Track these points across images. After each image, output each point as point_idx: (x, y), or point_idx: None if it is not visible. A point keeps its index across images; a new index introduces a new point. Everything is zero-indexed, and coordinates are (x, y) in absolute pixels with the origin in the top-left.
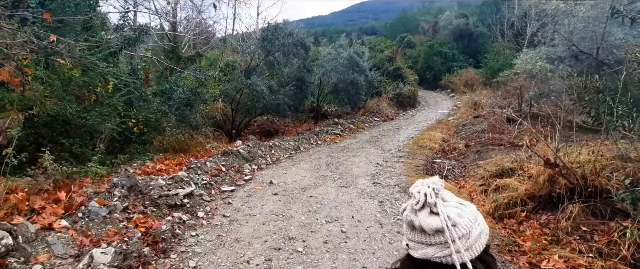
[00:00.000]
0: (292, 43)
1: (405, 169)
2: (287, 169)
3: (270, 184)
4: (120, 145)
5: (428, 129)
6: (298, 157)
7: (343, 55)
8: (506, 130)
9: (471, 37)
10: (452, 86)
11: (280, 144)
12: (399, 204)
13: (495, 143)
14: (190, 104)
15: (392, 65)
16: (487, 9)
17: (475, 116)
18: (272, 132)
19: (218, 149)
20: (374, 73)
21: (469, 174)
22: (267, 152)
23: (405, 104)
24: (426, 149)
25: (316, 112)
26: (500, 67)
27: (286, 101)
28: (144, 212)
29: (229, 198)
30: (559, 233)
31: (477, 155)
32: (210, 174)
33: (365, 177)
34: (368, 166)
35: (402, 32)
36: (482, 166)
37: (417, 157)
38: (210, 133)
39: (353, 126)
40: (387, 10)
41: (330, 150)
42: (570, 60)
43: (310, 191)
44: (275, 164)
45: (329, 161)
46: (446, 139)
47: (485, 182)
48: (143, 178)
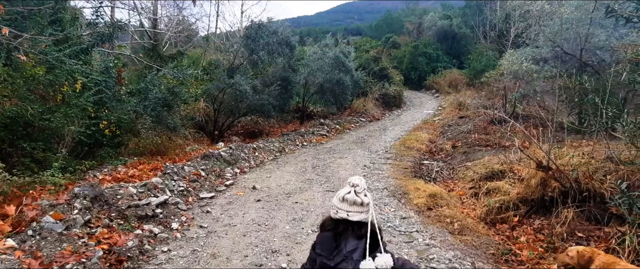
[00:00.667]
0: (277, 42)
1: (393, 171)
2: (272, 173)
3: (253, 189)
4: (90, 149)
5: (414, 129)
6: (283, 160)
7: (329, 54)
8: (492, 131)
9: (455, 38)
10: (436, 86)
11: (265, 145)
12: (388, 210)
13: (482, 144)
14: (167, 104)
15: (378, 66)
16: (470, 10)
17: (460, 117)
18: (257, 134)
19: (198, 151)
20: (360, 73)
21: (458, 176)
22: (250, 154)
23: (391, 104)
24: (413, 150)
25: (302, 112)
26: (483, 68)
27: (271, 101)
28: (109, 226)
29: (207, 206)
30: (554, 239)
31: (465, 156)
32: (188, 180)
33: None
34: (355, 168)
35: (387, 32)
36: (471, 167)
37: (405, 159)
38: (190, 135)
39: (339, 126)
40: (371, 11)
41: (316, 151)
42: (554, 61)
43: (295, 196)
44: (259, 167)
45: (315, 163)
46: (433, 139)
47: (475, 185)
48: (111, 186)
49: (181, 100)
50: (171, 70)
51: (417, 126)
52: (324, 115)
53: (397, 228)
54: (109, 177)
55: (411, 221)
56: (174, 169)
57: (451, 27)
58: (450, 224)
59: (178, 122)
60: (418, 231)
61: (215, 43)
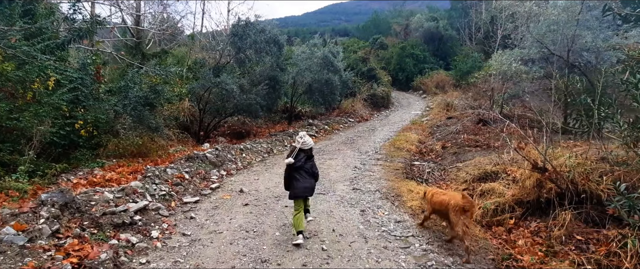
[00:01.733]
0: (265, 40)
1: (384, 172)
2: (260, 175)
3: (240, 192)
4: (64, 150)
5: (403, 130)
6: (271, 161)
7: (317, 54)
8: (480, 131)
9: (441, 40)
10: (424, 87)
11: (252, 146)
12: (382, 213)
13: (472, 145)
14: (149, 103)
15: (366, 66)
16: (455, 13)
17: (448, 117)
18: (244, 134)
19: (183, 153)
20: (348, 73)
21: (450, 177)
22: (237, 155)
23: (379, 104)
24: (403, 151)
25: (290, 112)
26: (469, 69)
27: (258, 100)
28: (80, 236)
29: (191, 211)
30: (553, 242)
31: (455, 157)
32: (171, 183)
33: (344, 183)
34: (346, 169)
35: (374, 33)
36: (462, 168)
37: (395, 160)
38: (174, 136)
39: (328, 127)
40: (358, 13)
41: None
42: (541, 62)
43: (285, 199)
44: (247, 168)
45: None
46: (422, 140)
47: (468, 186)
48: (85, 192)
49: (165, 99)
50: (153, 67)
51: (406, 126)
52: (313, 115)
53: (392, 233)
54: (83, 182)
55: (406, 224)
56: (156, 172)
57: (438, 29)
58: (447, 227)
59: (161, 122)
60: (414, 235)
61: (201, 41)
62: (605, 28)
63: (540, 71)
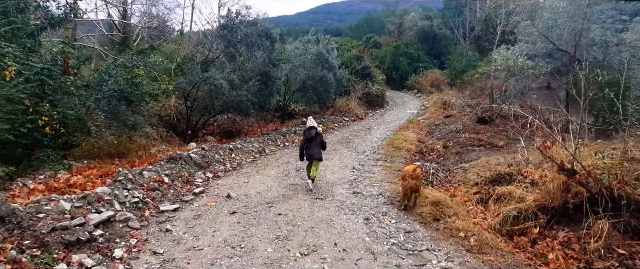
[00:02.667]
0: (257, 33)
1: (385, 174)
2: (250, 177)
3: (227, 198)
4: (26, 151)
5: (400, 129)
6: (263, 162)
7: (311, 50)
8: (482, 130)
9: (435, 39)
10: (418, 86)
11: (243, 146)
12: (388, 221)
13: (475, 144)
14: (125, 98)
15: (361, 64)
16: (449, 12)
17: (446, 116)
18: (234, 133)
19: (165, 153)
20: (343, 71)
21: (456, 178)
22: (226, 156)
23: (374, 103)
24: (403, 151)
25: (283, 111)
26: (464, 68)
27: (249, 97)
28: (16, 260)
29: (168, 222)
30: (591, 257)
31: (458, 156)
32: (147, 188)
33: (343, 186)
34: (344, 171)
35: (367, 33)
36: (468, 169)
37: (395, 160)
38: (159, 134)
39: (322, 125)
40: (351, 13)
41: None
42: (544, 58)
43: (278, 206)
44: (236, 170)
45: (299, 165)
46: (421, 139)
47: (480, 189)
48: (36, 201)
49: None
50: (131, 58)
51: (403, 125)
52: (306, 114)
53: (403, 246)
54: (42, 187)
55: (418, 235)
56: (129, 176)
57: (432, 28)
58: (465, 239)
59: (139, 119)
60: (429, 249)
61: (190, 37)
62: (609, 23)
63: (547, 67)
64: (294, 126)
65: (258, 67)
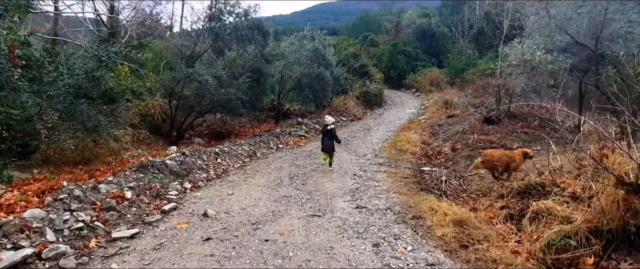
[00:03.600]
0: (247, 26)
1: (391, 182)
2: (236, 187)
3: (203, 217)
4: None
5: (401, 129)
6: (253, 167)
7: (307, 47)
8: (491, 131)
9: (433, 37)
10: (417, 85)
11: (231, 149)
12: (403, 249)
13: (486, 146)
14: (85, 95)
15: (358, 62)
16: (447, 10)
17: (449, 116)
18: (224, 135)
19: (141, 158)
20: (340, 69)
21: (472, 187)
22: (210, 161)
23: (372, 103)
24: (407, 154)
25: (277, 111)
26: (463, 66)
27: (239, 96)
28: None
29: (118, 256)
30: None
31: (469, 161)
32: (100, 207)
33: (344, 197)
34: (344, 178)
35: (364, 32)
36: (484, 175)
37: (400, 165)
38: (139, 136)
39: (319, 126)
40: (347, 13)
41: (294, 156)
42: (559, 53)
43: (265, 227)
44: (221, 178)
45: (293, 171)
46: (426, 141)
47: (507, 203)
48: None
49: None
50: (91, 46)
51: (403, 125)
52: (302, 114)
53: None
54: None
55: None
56: (76, 192)
57: (430, 26)
58: None
59: (105, 120)
60: None
61: (180, 34)
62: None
63: (567, 61)
64: (289, 127)
65: (249, 63)
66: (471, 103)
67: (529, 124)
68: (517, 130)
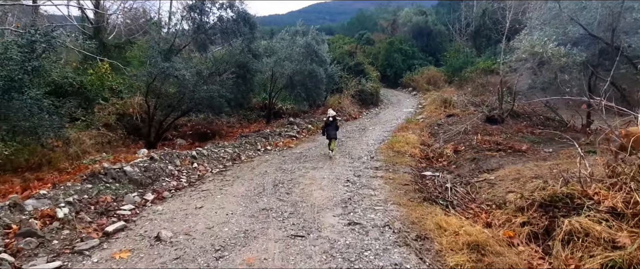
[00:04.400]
0: (232, 18)
1: (389, 189)
2: (208, 198)
3: (154, 241)
4: None
5: (399, 129)
6: (234, 173)
7: (299, 42)
8: (495, 131)
9: (430, 35)
10: (413, 84)
11: (212, 152)
12: None
13: (493, 148)
14: (17, 89)
15: (353, 60)
16: (443, 9)
17: (448, 115)
18: (209, 135)
19: (103, 163)
20: (334, 67)
21: (482, 196)
22: (184, 166)
23: (368, 102)
24: (406, 156)
25: (268, 110)
26: (461, 65)
27: (223, 93)
28: None
29: None
30: None
31: (475, 164)
32: (15, 232)
33: (334, 210)
34: (335, 185)
35: (359, 30)
36: (494, 181)
37: (399, 169)
38: (108, 138)
39: (312, 126)
40: (343, 12)
41: (282, 159)
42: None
43: (232, 255)
44: (193, 187)
45: (279, 177)
46: (425, 142)
47: (529, 218)
48: None
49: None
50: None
51: (401, 125)
52: (295, 113)
53: None
54: None
55: None
56: None
57: (427, 24)
58: None
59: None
60: None
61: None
62: None
63: (581, 55)
64: (280, 127)
65: (235, 58)
66: (471, 102)
67: (534, 124)
68: (523, 130)
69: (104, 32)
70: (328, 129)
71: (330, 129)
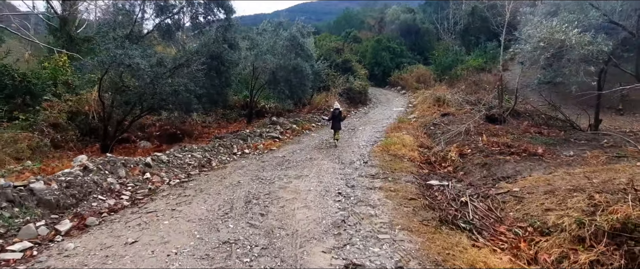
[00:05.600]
0: (204, 1)
1: (393, 207)
2: (149, 225)
3: None
4: None
5: (391, 129)
6: (198, 184)
7: (283, 35)
8: (500, 132)
9: (418, 33)
10: (402, 82)
11: (175, 157)
12: None
13: (504, 151)
14: None
15: (341, 57)
16: (430, 8)
17: (443, 114)
18: (181, 137)
19: (23, 176)
20: (321, 63)
21: (510, 214)
22: (131, 177)
23: (356, 100)
24: (404, 161)
25: (250, 108)
26: (450, 63)
27: (192, 87)
28: None
29: None
30: None
31: (486, 170)
32: None
33: (324, 241)
34: (324, 200)
35: (346, 29)
36: (519, 193)
37: (399, 177)
38: (54, 141)
39: (296, 126)
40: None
41: (261, 165)
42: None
43: None
44: (137, 206)
45: (254, 190)
46: (424, 143)
47: (598, 255)
48: None
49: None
50: None
51: (393, 125)
52: (278, 112)
53: None
54: None
55: None
56: None
57: (415, 22)
58: None
59: None
60: None
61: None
62: None
63: (608, 43)
64: (261, 127)
65: (207, 47)
66: (466, 100)
67: (537, 123)
68: (529, 130)
69: (72, 25)
70: (334, 121)
71: (336, 121)
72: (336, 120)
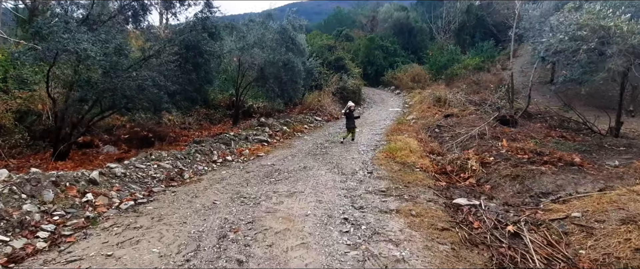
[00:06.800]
0: None
1: (422, 242)
2: None
3: None
4: None
5: (391, 132)
6: (158, 207)
7: (273, 27)
8: (519, 135)
9: (411, 32)
10: (396, 82)
11: (133, 169)
12: None
13: (534, 159)
14: None
15: (333, 55)
16: (422, 7)
17: (446, 116)
18: (152, 141)
19: None
20: (313, 61)
21: (579, 251)
22: (63, 201)
23: (350, 100)
24: (416, 171)
25: (236, 108)
26: (446, 62)
27: (162, 83)
28: None
29: None
30: None
31: (519, 183)
32: None
33: None
34: (326, 232)
35: (337, 28)
36: (581, 218)
37: (416, 194)
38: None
39: (287, 127)
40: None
41: (245, 177)
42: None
43: None
44: (56, 250)
45: (232, 216)
46: (433, 149)
47: None
48: None
49: None
50: None
51: (392, 127)
52: (267, 112)
53: None
54: None
55: None
56: None
57: (408, 20)
58: None
59: None
60: None
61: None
62: None
63: None
64: (247, 130)
65: (183, 36)
66: (470, 100)
67: (551, 125)
68: (551, 134)
69: (42, 15)
70: (348, 121)
71: (350, 121)
72: (350, 119)
